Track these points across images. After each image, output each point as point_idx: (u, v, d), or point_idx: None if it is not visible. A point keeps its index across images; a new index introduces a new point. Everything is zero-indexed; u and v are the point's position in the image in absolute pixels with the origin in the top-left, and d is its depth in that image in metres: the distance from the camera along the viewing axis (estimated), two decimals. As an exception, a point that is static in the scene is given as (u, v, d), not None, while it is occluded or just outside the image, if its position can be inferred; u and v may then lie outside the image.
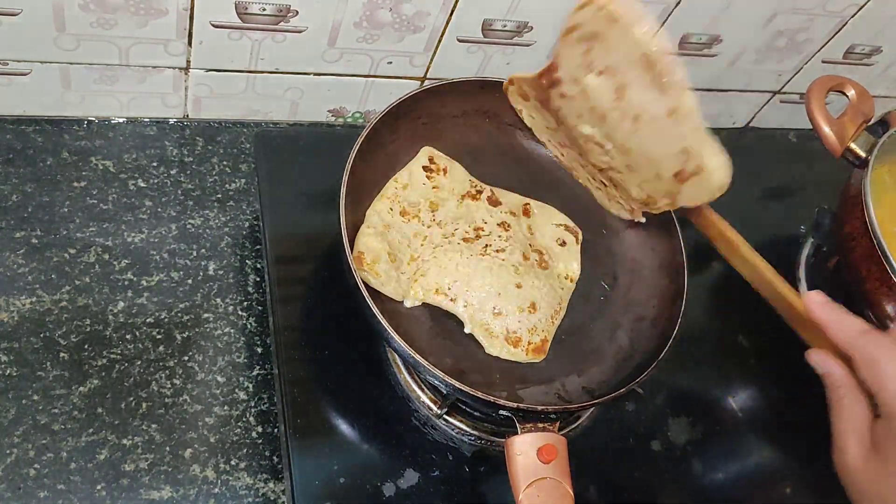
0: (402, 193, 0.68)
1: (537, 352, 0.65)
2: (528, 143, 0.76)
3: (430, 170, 0.70)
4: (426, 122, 0.71)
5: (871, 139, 0.77)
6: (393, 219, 0.67)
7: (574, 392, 0.65)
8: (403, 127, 0.70)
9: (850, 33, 0.92)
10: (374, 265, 0.62)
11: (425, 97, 0.69)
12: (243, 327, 0.70)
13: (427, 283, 0.65)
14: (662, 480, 0.71)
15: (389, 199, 0.68)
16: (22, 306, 0.65)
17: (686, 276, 0.68)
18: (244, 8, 0.69)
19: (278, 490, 0.63)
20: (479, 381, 0.62)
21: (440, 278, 0.65)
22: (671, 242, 0.71)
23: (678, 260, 0.70)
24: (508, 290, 0.65)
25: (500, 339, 0.64)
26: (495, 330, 0.64)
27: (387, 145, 0.69)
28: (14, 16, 0.65)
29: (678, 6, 0.81)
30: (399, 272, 0.65)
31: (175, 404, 0.65)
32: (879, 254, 0.72)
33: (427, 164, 0.70)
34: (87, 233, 0.70)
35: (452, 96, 0.72)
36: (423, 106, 0.70)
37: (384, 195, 0.68)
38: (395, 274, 0.64)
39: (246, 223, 0.76)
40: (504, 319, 0.64)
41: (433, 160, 0.71)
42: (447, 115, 0.72)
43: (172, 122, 0.80)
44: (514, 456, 0.57)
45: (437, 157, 0.71)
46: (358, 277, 0.59)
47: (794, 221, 0.94)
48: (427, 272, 0.65)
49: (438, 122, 0.72)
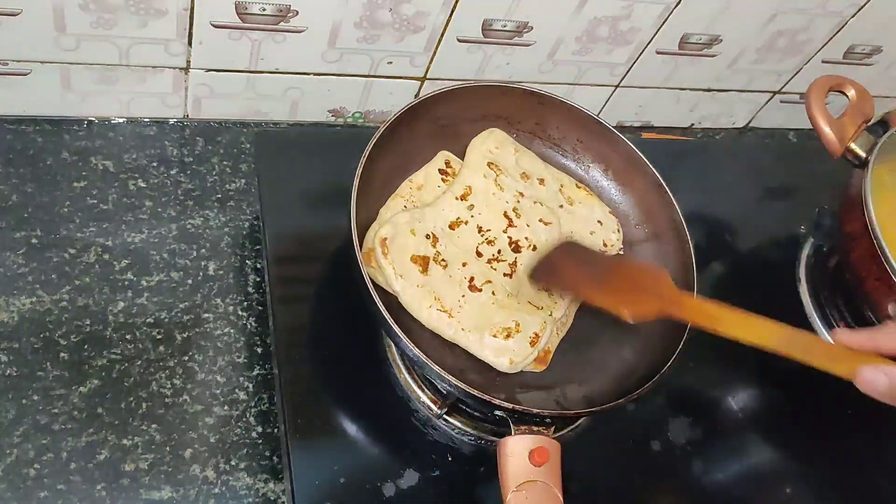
0: (416, 194, 0.69)
1: (539, 362, 0.65)
2: (546, 150, 0.76)
3: (445, 173, 0.71)
4: (444, 125, 0.72)
5: (871, 139, 0.77)
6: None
7: (574, 399, 0.65)
8: (420, 128, 0.70)
9: (850, 33, 0.92)
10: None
11: (443, 99, 0.69)
12: (243, 327, 0.70)
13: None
14: (662, 480, 0.71)
15: (404, 199, 0.68)
16: (22, 306, 0.65)
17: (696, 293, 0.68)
18: (244, 8, 0.69)
19: (278, 490, 0.63)
20: (478, 382, 0.62)
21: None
22: (683, 259, 0.71)
23: (689, 277, 0.69)
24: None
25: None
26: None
27: (402, 145, 0.69)
28: (14, 16, 0.65)
29: (678, 6, 0.81)
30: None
31: (175, 404, 0.65)
32: (879, 254, 0.72)
33: (443, 168, 0.71)
34: (87, 233, 0.70)
35: (471, 100, 0.71)
36: (440, 108, 0.70)
37: (398, 194, 0.68)
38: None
39: (246, 223, 0.76)
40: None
41: (449, 164, 0.71)
42: (465, 119, 0.72)
43: (172, 122, 0.80)
44: (506, 456, 0.57)
45: (453, 161, 0.72)
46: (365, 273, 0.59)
47: (794, 221, 0.94)
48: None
49: (455, 126, 0.72)
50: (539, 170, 0.74)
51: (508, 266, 0.67)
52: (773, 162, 1.00)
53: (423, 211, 0.67)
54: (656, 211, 0.74)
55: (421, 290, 0.63)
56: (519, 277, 0.67)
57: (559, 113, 0.75)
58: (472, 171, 0.70)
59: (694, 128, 1.04)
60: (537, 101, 0.74)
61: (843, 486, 0.59)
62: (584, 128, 0.75)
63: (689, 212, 0.72)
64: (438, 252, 0.65)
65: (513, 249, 0.68)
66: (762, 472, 0.75)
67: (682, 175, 0.92)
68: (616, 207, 0.77)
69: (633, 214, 0.76)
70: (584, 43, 0.83)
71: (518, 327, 0.63)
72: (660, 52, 0.87)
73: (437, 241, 0.66)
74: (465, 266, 0.66)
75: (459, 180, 0.70)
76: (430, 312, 0.63)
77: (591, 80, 0.89)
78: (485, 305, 0.64)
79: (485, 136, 0.73)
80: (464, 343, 0.63)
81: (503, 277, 0.66)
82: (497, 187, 0.70)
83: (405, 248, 0.63)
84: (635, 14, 0.81)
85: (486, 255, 0.67)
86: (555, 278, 0.66)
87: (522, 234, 0.69)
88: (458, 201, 0.69)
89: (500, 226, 0.69)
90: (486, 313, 0.64)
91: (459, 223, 0.68)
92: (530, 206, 0.70)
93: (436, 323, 0.63)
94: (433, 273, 0.64)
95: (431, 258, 0.65)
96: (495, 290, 0.65)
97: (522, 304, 0.65)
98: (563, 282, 0.66)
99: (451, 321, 0.63)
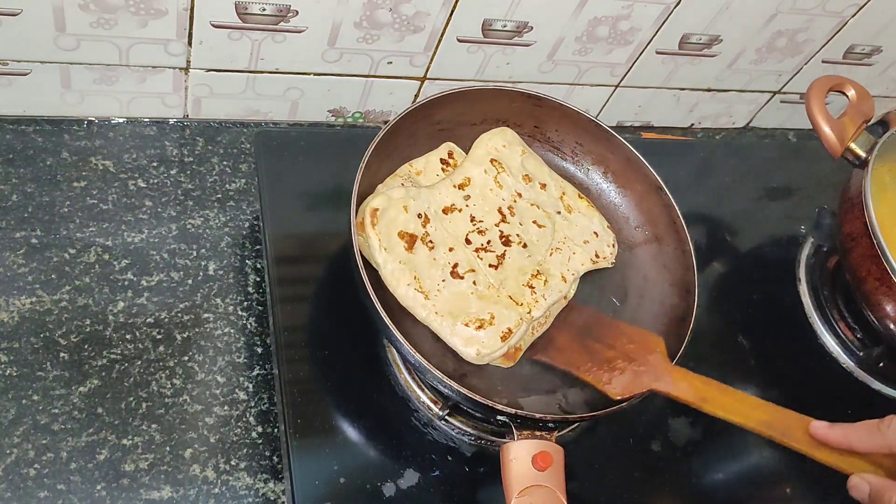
0: (414, 178, 0.69)
1: (508, 358, 0.65)
2: (546, 153, 0.76)
3: (446, 163, 0.71)
4: (442, 129, 0.72)
5: (871, 139, 0.78)
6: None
7: (576, 403, 0.65)
8: (418, 132, 0.70)
9: (850, 33, 0.92)
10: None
11: (441, 103, 0.69)
12: (243, 327, 0.70)
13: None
14: (662, 480, 0.71)
15: (401, 178, 0.68)
16: (22, 306, 0.65)
17: (696, 295, 0.68)
18: (244, 8, 0.69)
19: (278, 490, 0.63)
20: (479, 387, 0.62)
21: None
22: (684, 261, 0.71)
23: (689, 279, 0.69)
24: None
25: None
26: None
27: (400, 150, 0.69)
28: (14, 16, 0.65)
29: (678, 6, 0.81)
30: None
31: (175, 404, 0.65)
32: (879, 254, 0.72)
33: (445, 158, 0.71)
34: (87, 233, 0.70)
35: (469, 103, 0.71)
36: (438, 112, 0.70)
37: (397, 174, 0.68)
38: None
39: (246, 223, 0.76)
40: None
41: (451, 154, 0.71)
42: (464, 123, 0.72)
43: (172, 122, 0.80)
44: (509, 461, 0.57)
45: (456, 153, 0.72)
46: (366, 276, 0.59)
47: (794, 221, 0.94)
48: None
49: (454, 129, 0.72)
50: (543, 175, 0.74)
51: (496, 258, 0.67)
52: (773, 162, 1.00)
53: (420, 191, 0.67)
54: (656, 213, 0.74)
55: (402, 267, 0.63)
56: (504, 270, 0.66)
57: (557, 115, 0.75)
58: (474, 164, 0.70)
59: (694, 128, 1.04)
60: (535, 103, 0.73)
61: (843, 486, 0.59)
62: (582, 130, 0.75)
63: (689, 212, 0.72)
64: (427, 233, 0.65)
65: (503, 243, 0.68)
66: (762, 472, 0.75)
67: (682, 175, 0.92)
68: (616, 209, 0.77)
69: (633, 217, 0.76)
70: (584, 43, 0.83)
71: (492, 320, 0.63)
72: (660, 52, 0.87)
73: (428, 222, 0.65)
74: (451, 251, 0.65)
75: (460, 170, 0.70)
76: (406, 290, 0.62)
77: (591, 80, 0.89)
78: (463, 294, 0.64)
79: (494, 133, 0.73)
80: (435, 327, 0.63)
81: (488, 268, 0.66)
82: (496, 184, 0.70)
83: (394, 222, 0.63)
84: (635, 14, 0.81)
85: (474, 244, 0.67)
86: (551, 352, 0.66)
87: (514, 231, 0.69)
88: (455, 189, 0.68)
89: (493, 219, 0.69)
90: (462, 301, 0.64)
91: (453, 209, 0.67)
92: (527, 207, 0.70)
93: (411, 302, 0.63)
94: (418, 252, 0.64)
95: (419, 237, 0.64)
96: (477, 280, 0.65)
97: (502, 297, 0.65)
98: (559, 357, 0.66)
99: (425, 302, 0.62)
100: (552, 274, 0.68)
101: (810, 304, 0.86)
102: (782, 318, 0.86)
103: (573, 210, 0.73)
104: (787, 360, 0.83)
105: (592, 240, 0.72)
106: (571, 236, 0.71)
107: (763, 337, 0.83)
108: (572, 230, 0.72)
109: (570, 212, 0.73)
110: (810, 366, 0.83)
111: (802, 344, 0.84)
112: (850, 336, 0.84)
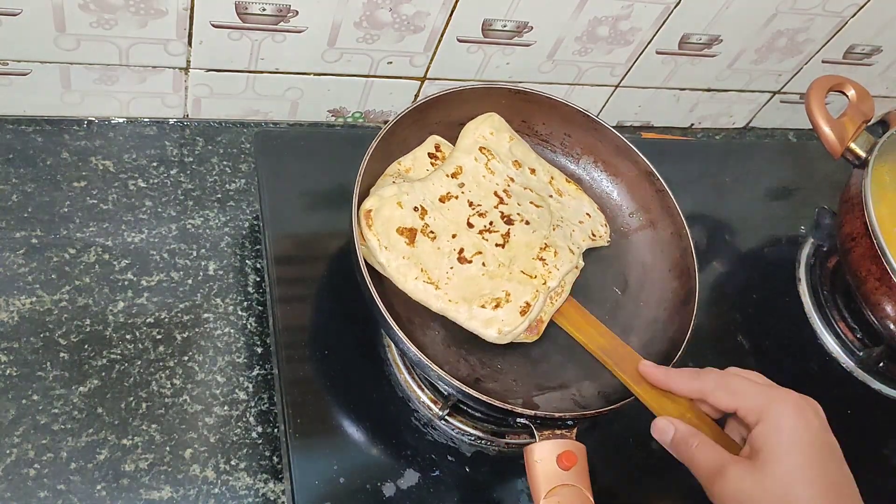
0: (404, 175, 0.68)
1: (532, 332, 0.64)
2: (536, 146, 0.76)
3: (434, 157, 0.70)
4: (437, 131, 0.71)
5: (871, 139, 0.78)
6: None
7: (590, 397, 0.65)
8: (416, 134, 0.70)
9: (850, 33, 0.92)
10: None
11: (431, 106, 0.69)
12: (243, 327, 0.70)
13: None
14: (662, 480, 0.71)
15: (391, 177, 0.68)
16: (22, 306, 0.65)
17: (697, 277, 0.68)
18: (244, 8, 0.69)
19: (278, 490, 0.63)
20: (495, 390, 0.62)
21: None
22: (681, 244, 0.71)
23: (688, 261, 0.69)
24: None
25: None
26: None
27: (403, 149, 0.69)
28: (14, 16, 0.65)
29: (678, 6, 0.81)
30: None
31: (175, 404, 0.65)
32: (879, 254, 0.72)
33: (432, 152, 0.71)
34: (87, 233, 0.70)
35: (457, 104, 0.71)
36: (431, 114, 0.70)
37: (387, 174, 0.68)
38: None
39: (246, 223, 0.76)
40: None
41: (439, 147, 0.71)
42: (457, 122, 0.72)
43: (172, 122, 0.80)
44: (534, 463, 0.57)
45: (443, 146, 0.71)
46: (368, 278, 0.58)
47: (794, 221, 0.94)
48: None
49: (451, 129, 0.72)
50: (531, 160, 0.73)
51: (501, 237, 0.66)
52: (773, 162, 1.00)
53: (413, 184, 0.66)
54: (649, 198, 0.74)
55: (406, 262, 0.62)
56: (512, 248, 0.66)
57: (543, 108, 0.74)
58: (464, 153, 0.70)
59: (694, 128, 1.04)
60: (521, 98, 0.73)
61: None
62: (569, 121, 0.75)
63: (689, 212, 0.72)
64: (427, 224, 0.64)
65: (505, 222, 0.67)
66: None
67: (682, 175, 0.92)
68: (609, 198, 0.76)
69: (626, 204, 0.76)
70: (584, 43, 0.83)
71: (508, 297, 0.63)
72: (660, 52, 0.87)
73: (426, 214, 0.65)
74: (454, 238, 0.65)
75: (450, 161, 0.69)
76: (415, 284, 0.62)
77: (591, 80, 0.89)
78: (474, 277, 0.64)
79: (480, 121, 0.72)
80: (452, 315, 0.62)
81: (495, 248, 0.65)
82: (488, 170, 0.69)
83: (391, 220, 0.63)
84: (635, 14, 0.81)
85: (477, 227, 0.66)
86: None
87: (514, 210, 0.68)
88: (448, 178, 0.68)
89: (492, 202, 0.68)
90: (475, 284, 0.63)
91: (450, 197, 0.67)
92: (521, 190, 0.70)
93: (422, 295, 0.62)
94: (420, 245, 0.63)
95: (419, 230, 0.64)
96: (486, 262, 0.64)
97: (514, 273, 0.64)
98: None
99: (437, 293, 0.62)
100: (560, 246, 0.68)
101: (810, 304, 0.86)
102: (782, 318, 0.86)
103: (563, 193, 0.73)
104: (787, 360, 0.83)
105: (586, 220, 0.73)
106: (567, 217, 0.72)
107: (763, 337, 0.83)
108: (567, 211, 0.72)
109: (561, 195, 0.73)
110: (810, 366, 0.83)
111: (802, 344, 0.84)
112: (850, 336, 0.84)
